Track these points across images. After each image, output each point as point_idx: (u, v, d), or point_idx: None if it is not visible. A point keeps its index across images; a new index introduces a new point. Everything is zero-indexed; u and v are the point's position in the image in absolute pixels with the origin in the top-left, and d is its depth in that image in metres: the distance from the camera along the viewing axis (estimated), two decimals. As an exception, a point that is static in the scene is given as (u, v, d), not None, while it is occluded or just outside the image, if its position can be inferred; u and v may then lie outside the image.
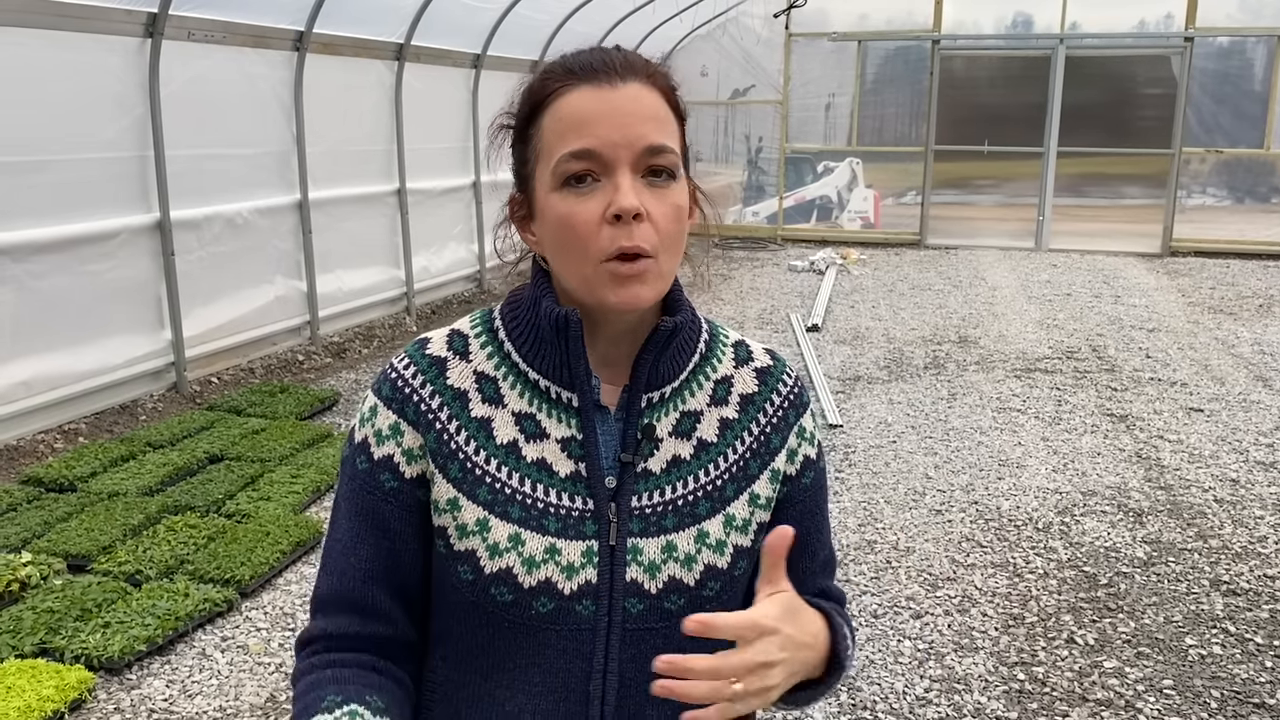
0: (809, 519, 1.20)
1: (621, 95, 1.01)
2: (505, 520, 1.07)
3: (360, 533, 1.10)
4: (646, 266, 1.02)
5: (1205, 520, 4.48)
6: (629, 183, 1.00)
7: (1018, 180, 12.81)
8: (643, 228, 1.01)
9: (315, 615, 1.13)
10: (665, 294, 1.11)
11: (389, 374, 1.12)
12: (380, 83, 7.96)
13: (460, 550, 1.08)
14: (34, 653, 3.24)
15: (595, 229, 1.01)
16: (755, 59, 13.10)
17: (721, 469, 1.14)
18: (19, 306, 5.03)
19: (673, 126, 1.05)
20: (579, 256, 1.02)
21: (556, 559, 1.06)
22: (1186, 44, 11.78)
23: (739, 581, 1.15)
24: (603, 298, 1.03)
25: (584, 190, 1.01)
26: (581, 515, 1.08)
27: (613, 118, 1.00)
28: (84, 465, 4.73)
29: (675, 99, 1.08)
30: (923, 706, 3.11)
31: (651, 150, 1.01)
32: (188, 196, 5.99)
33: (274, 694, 3.15)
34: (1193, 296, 9.66)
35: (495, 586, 1.06)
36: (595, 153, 1.00)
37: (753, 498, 1.15)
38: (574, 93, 1.02)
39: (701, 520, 1.11)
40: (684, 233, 1.07)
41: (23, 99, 4.98)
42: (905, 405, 6.18)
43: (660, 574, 1.09)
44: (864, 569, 4.01)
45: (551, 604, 1.06)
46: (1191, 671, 3.30)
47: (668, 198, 1.03)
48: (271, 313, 6.85)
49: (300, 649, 1.13)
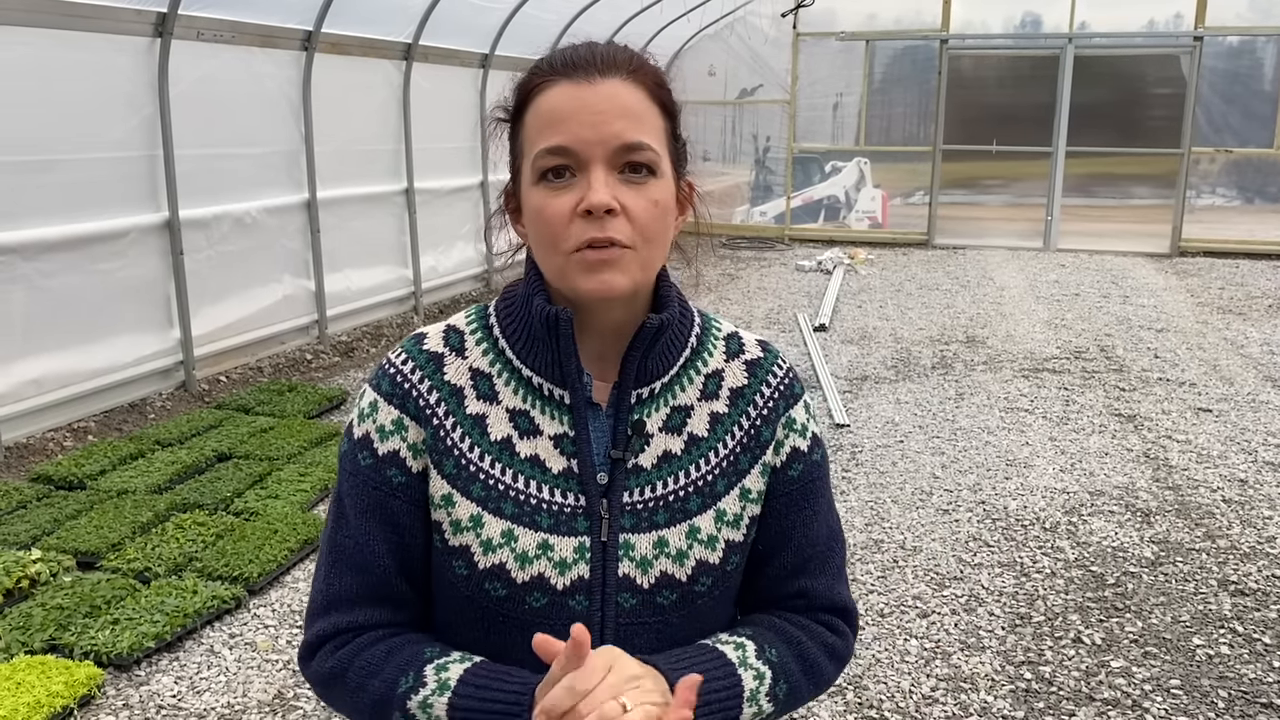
0: (794, 513, 1.18)
1: (598, 92, 1.02)
2: (498, 516, 1.08)
3: (372, 529, 1.10)
4: (618, 254, 1.01)
5: (1213, 520, 4.47)
6: (602, 179, 1.01)
7: (1026, 180, 12.78)
8: (616, 221, 1.01)
9: (331, 613, 1.11)
10: (653, 289, 1.11)
11: (387, 369, 1.13)
12: (388, 82, 7.98)
13: (455, 546, 1.09)
14: (44, 649, 3.26)
15: (567, 221, 1.01)
16: (763, 59, 13.10)
17: (712, 464, 1.13)
18: (29, 305, 5.05)
19: (654, 123, 1.05)
20: (553, 248, 1.03)
21: (549, 555, 1.07)
22: (1196, 43, 11.74)
23: (731, 576, 1.15)
24: (575, 286, 1.03)
25: (559, 185, 1.02)
26: (574, 511, 1.09)
27: (588, 115, 1.01)
28: (93, 463, 4.75)
29: (662, 94, 1.07)
30: (929, 705, 3.10)
31: (627, 147, 1.01)
32: (196, 196, 6.01)
33: (281, 691, 3.17)
34: (1202, 297, 9.63)
35: (489, 582, 1.07)
36: (569, 149, 1.01)
37: (744, 492, 1.14)
38: (553, 89, 1.03)
39: (693, 515, 1.11)
40: (667, 228, 1.07)
41: (32, 98, 5.00)
42: (913, 405, 6.17)
43: (652, 569, 1.09)
44: (871, 568, 4.01)
45: (545, 599, 1.07)
46: (1199, 671, 3.29)
47: (646, 193, 1.03)
48: (280, 312, 6.87)
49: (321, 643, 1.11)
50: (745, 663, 1.08)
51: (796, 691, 1.13)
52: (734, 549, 1.14)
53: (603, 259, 1.01)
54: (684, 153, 1.12)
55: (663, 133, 1.06)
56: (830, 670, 1.18)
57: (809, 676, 1.14)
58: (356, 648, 1.09)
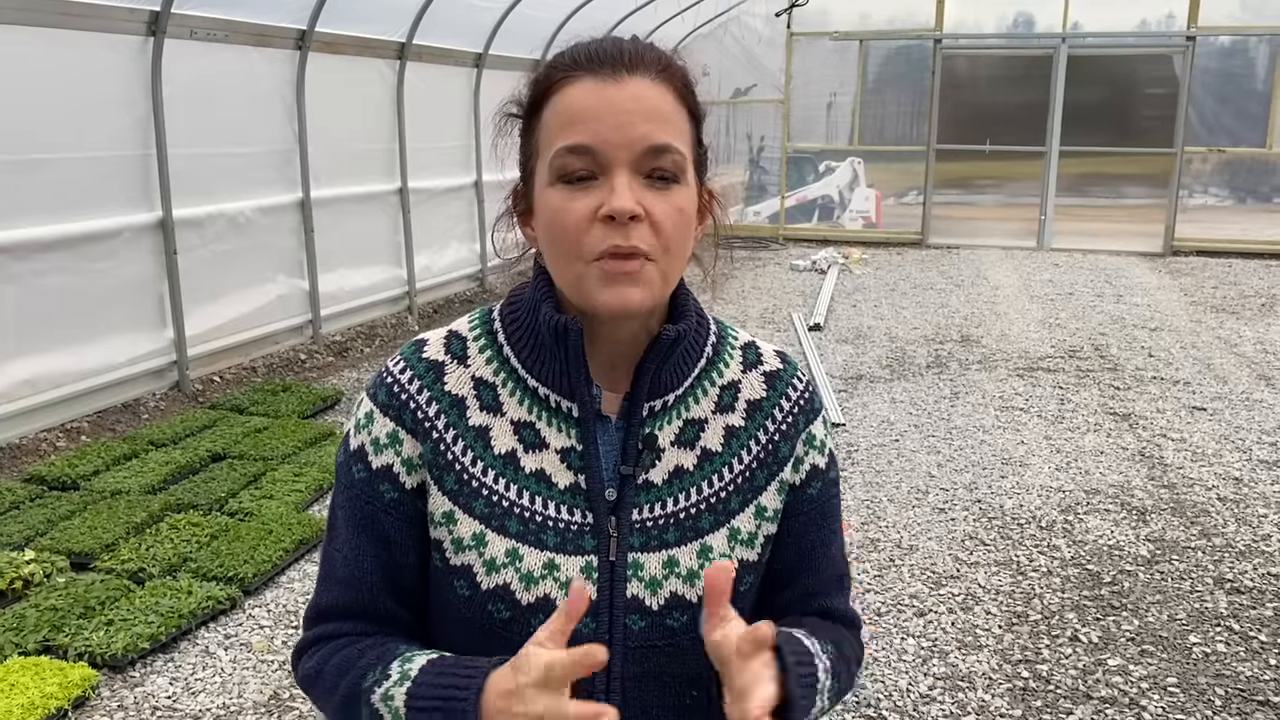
0: (814, 531, 1.14)
1: (626, 91, 0.96)
2: (502, 535, 1.03)
3: (361, 544, 1.07)
4: (640, 266, 0.96)
5: (1209, 518, 4.48)
6: (626, 183, 0.95)
7: (1020, 180, 12.80)
8: (640, 229, 0.96)
9: (320, 623, 1.10)
10: (669, 299, 1.06)
11: (384, 378, 1.07)
12: (382, 81, 7.96)
13: (456, 565, 1.04)
14: (37, 650, 3.24)
15: (586, 226, 0.96)
16: (757, 58, 13.10)
17: (726, 480, 1.09)
18: (22, 305, 5.03)
19: (681, 126, 1.00)
20: (569, 254, 0.97)
21: (555, 575, 1.02)
22: (1188, 43, 11.77)
23: (745, 597, 1.10)
24: (592, 298, 0.98)
25: (579, 187, 0.96)
26: (581, 529, 1.04)
27: (614, 115, 0.95)
28: (87, 464, 4.73)
29: (689, 97, 1.02)
30: (926, 704, 3.10)
31: (654, 151, 0.96)
32: (190, 195, 5.99)
33: (277, 691, 3.15)
34: (1195, 296, 9.66)
35: (492, 603, 1.03)
36: (592, 149, 0.95)
37: (759, 510, 1.10)
38: (577, 85, 0.97)
39: (704, 534, 1.06)
40: (689, 238, 1.02)
41: (24, 97, 4.98)
42: (908, 404, 6.17)
43: (662, 590, 1.04)
44: (867, 567, 4.01)
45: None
46: (1195, 669, 3.30)
47: (670, 199, 0.97)
48: (273, 311, 6.85)
49: (308, 647, 1.10)
50: (819, 655, 1.04)
51: (840, 692, 1.08)
52: (748, 569, 1.09)
53: (624, 270, 0.96)
54: (706, 159, 1.07)
55: (689, 137, 1.01)
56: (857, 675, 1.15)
57: (848, 680, 1.10)
58: (335, 648, 1.07)
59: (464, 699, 0.93)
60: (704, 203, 1.07)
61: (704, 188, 1.07)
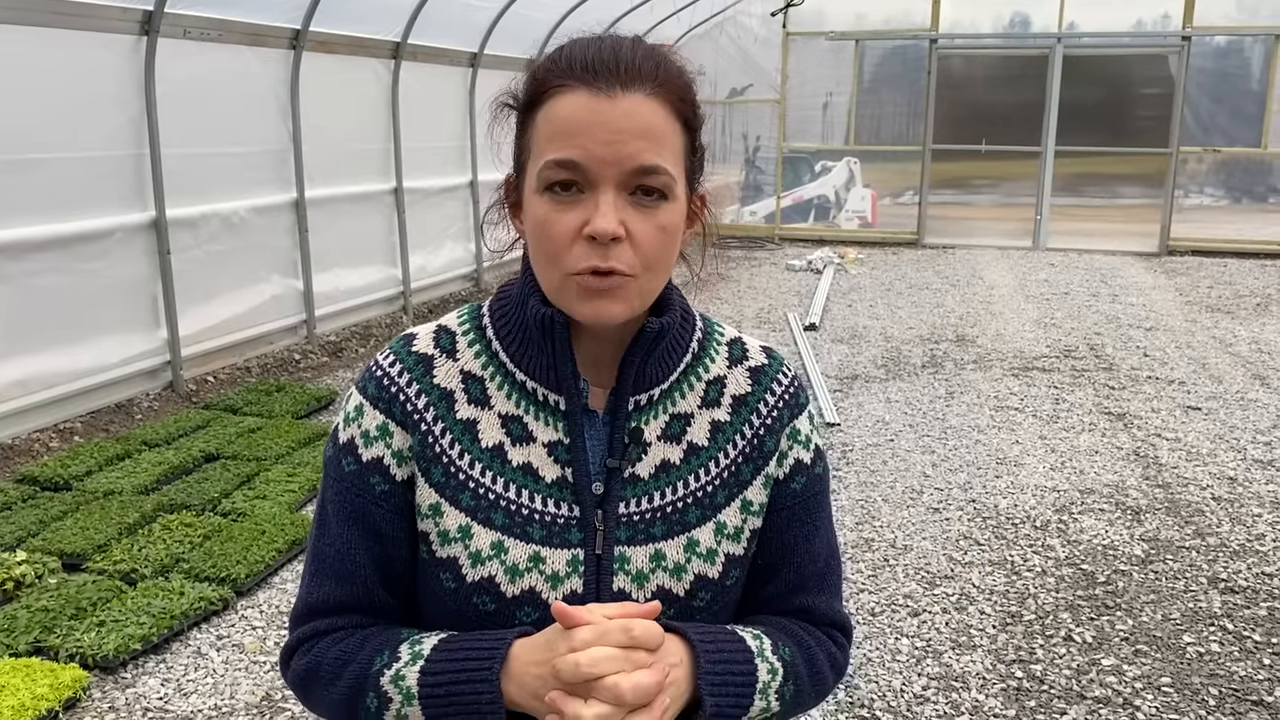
0: (797, 527, 1.14)
1: (619, 108, 0.95)
2: (488, 527, 1.04)
3: (353, 537, 1.07)
4: (620, 283, 0.97)
5: (1203, 518, 4.48)
6: (611, 202, 0.95)
7: (1015, 180, 12.81)
8: (620, 248, 0.96)
9: (311, 619, 1.09)
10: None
11: (374, 372, 1.08)
12: (377, 81, 7.95)
13: (442, 557, 1.05)
14: (28, 651, 3.23)
15: (569, 242, 0.96)
16: (753, 58, 13.10)
17: (712, 474, 1.09)
18: (14, 305, 5.01)
19: (673, 142, 0.99)
20: (551, 265, 0.99)
21: (541, 568, 1.03)
22: (1184, 43, 11.79)
23: (730, 591, 1.11)
24: (570, 309, 1.00)
25: (565, 199, 0.96)
26: (567, 522, 1.05)
27: (605, 131, 0.94)
28: (79, 464, 4.72)
29: (686, 109, 1.01)
30: (920, 704, 3.10)
31: (641, 170, 0.96)
32: (183, 195, 5.97)
33: (269, 693, 3.14)
34: (1190, 295, 9.66)
35: (478, 595, 1.03)
36: (579, 165, 0.95)
37: (745, 504, 1.10)
38: (569, 95, 0.96)
39: (691, 528, 1.07)
40: (672, 252, 1.02)
41: (17, 96, 4.96)
42: (903, 404, 6.17)
43: (649, 584, 1.05)
44: (861, 567, 4.00)
45: (536, 614, 1.03)
46: (1189, 669, 3.30)
47: (655, 218, 0.97)
48: (268, 311, 6.84)
49: (299, 645, 1.09)
50: (762, 654, 1.05)
51: (801, 695, 1.09)
52: (734, 563, 1.10)
53: (602, 288, 0.97)
54: (701, 163, 1.06)
55: (681, 151, 1.01)
56: (831, 681, 1.15)
57: (813, 682, 1.11)
58: (332, 641, 1.06)
59: (487, 667, 0.96)
60: (695, 209, 1.07)
61: (695, 195, 1.06)
